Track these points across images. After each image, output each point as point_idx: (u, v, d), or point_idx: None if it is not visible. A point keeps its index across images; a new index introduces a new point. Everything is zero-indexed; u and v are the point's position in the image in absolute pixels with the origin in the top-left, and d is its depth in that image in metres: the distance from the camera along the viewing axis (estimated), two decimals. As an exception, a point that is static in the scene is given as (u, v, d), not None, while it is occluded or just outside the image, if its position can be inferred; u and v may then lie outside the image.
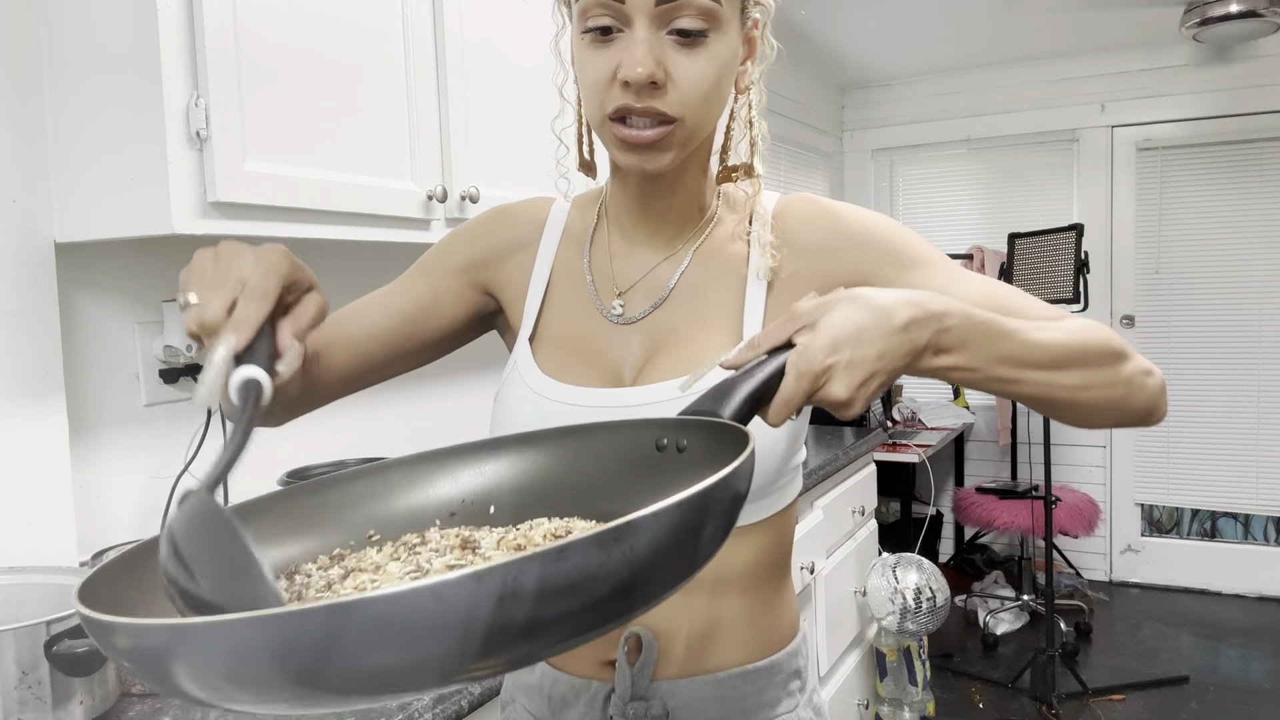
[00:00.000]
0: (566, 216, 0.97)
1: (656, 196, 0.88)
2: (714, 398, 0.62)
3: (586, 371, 0.87)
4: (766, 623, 0.88)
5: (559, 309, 0.92)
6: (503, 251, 0.96)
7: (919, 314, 0.65)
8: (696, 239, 0.89)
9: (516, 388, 0.89)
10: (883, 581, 2.61)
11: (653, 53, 0.75)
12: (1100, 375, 0.74)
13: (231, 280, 0.62)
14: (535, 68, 1.81)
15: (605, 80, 0.77)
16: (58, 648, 0.96)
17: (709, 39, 0.77)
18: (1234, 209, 4.07)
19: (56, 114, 1.24)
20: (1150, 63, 4.13)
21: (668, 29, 0.76)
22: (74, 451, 1.34)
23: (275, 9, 1.26)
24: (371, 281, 1.88)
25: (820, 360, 0.62)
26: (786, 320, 0.65)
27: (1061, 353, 0.72)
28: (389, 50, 1.46)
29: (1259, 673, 3.41)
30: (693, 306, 0.87)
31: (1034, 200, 4.40)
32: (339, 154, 1.36)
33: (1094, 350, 0.74)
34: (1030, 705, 3.19)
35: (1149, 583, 4.31)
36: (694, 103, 0.78)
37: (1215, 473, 4.18)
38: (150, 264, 1.48)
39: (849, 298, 0.65)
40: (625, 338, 0.88)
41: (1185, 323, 4.19)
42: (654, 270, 0.89)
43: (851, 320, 0.63)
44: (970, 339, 0.68)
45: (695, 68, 0.77)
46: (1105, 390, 0.75)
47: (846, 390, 0.62)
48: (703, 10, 0.76)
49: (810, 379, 0.62)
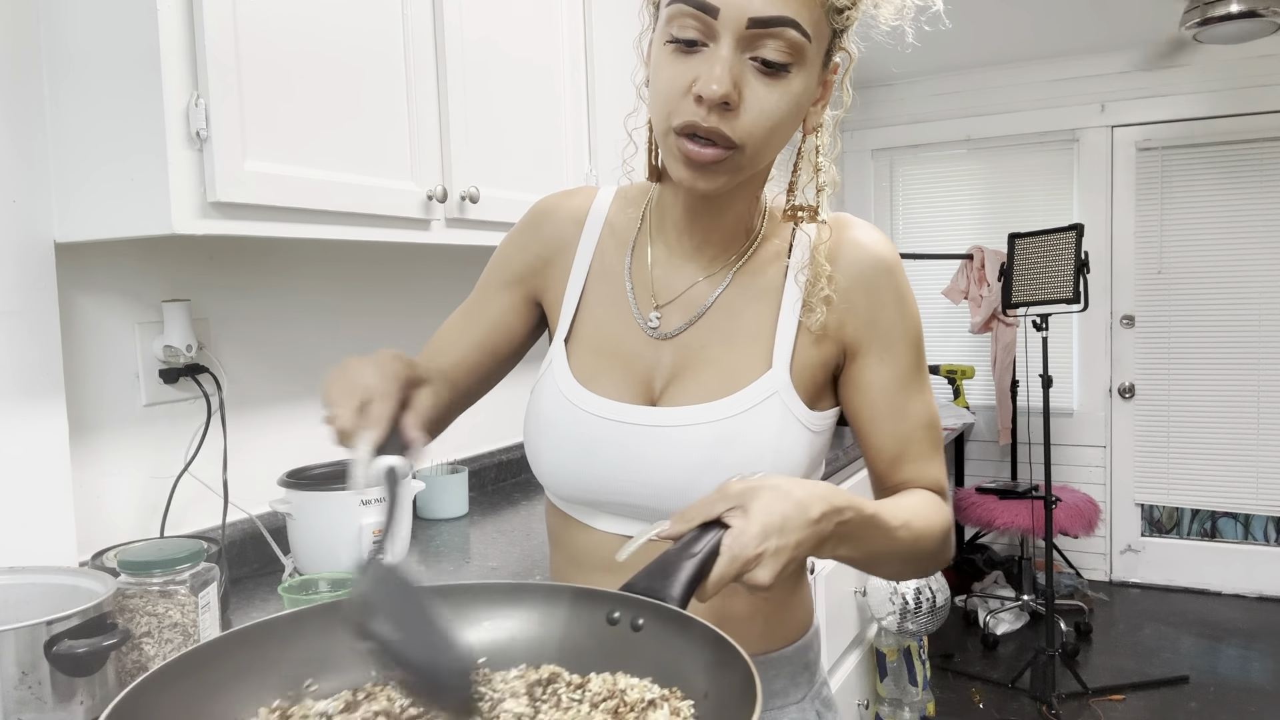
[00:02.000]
0: (608, 211, 0.97)
1: (705, 215, 0.90)
2: (660, 574, 0.67)
3: (618, 381, 0.90)
4: (779, 618, 0.93)
5: (596, 311, 0.94)
6: (545, 256, 0.98)
7: (827, 508, 0.72)
8: (739, 261, 0.91)
9: (549, 390, 0.92)
10: (882, 582, 2.61)
11: (732, 73, 0.76)
12: (932, 563, 0.87)
13: (358, 388, 0.76)
14: (536, 68, 1.81)
15: (680, 91, 0.78)
16: (58, 648, 0.96)
17: (789, 73, 0.78)
18: (1234, 209, 4.07)
19: (56, 114, 1.24)
20: (1150, 63, 4.13)
21: (752, 54, 0.76)
22: (74, 451, 1.34)
23: (275, 9, 1.26)
24: (371, 281, 1.89)
25: (754, 547, 0.67)
26: (718, 498, 0.70)
27: (911, 548, 0.83)
28: (389, 50, 1.46)
29: (1259, 673, 3.41)
30: (726, 327, 0.89)
31: (1034, 200, 4.40)
32: (339, 154, 1.36)
33: (936, 541, 0.86)
34: (1030, 705, 3.19)
35: (1149, 583, 4.31)
36: (758, 133, 0.78)
37: (1215, 473, 4.17)
38: (150, 264, 1.48)
39: (771, 487, 0.71)
40: (658, 350, 0.90)
41: (1185, 323, 4.19)
42: (694, 287, 0.91)
43: (776, 510, 0.69)
44: (857, 533, 0.76)
45: (770, 98, 0.78)
46: (928, 570, 0.88)
47: (770, 575, 0.68)
48: (791, 44, 0.76)
49: (743, 563, 0.67)
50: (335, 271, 1.83)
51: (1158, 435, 4.27)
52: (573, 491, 0.91)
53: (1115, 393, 4.33)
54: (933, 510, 0.87)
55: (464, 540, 1.77)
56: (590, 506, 0.92)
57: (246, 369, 1.64)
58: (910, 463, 0.90)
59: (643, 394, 0.89)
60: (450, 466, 1.96)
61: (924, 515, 0.85)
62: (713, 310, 0.90)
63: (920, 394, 0.91)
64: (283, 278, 1.71)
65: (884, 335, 0.89)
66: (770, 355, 0.87)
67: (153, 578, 1.08)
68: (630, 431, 0.87)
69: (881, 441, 0.90)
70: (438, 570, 1.58)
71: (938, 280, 4.38)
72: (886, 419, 0.90)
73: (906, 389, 0.90)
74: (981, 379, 4.44)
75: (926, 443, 0.90)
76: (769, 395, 0.86)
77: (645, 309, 0.92)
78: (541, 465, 0.93)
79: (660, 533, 0.71)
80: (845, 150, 4.78)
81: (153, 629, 1.08)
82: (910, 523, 0.83)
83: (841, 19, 0.80)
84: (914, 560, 0.85)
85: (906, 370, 0.90)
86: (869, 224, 0.92)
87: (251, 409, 1.65)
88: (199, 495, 1.51)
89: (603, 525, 0.92)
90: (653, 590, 0.67)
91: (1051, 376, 3.41)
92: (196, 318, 1.52)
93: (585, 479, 0.89)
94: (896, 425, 0.90)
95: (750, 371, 0.87)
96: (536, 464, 0.94)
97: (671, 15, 0.78)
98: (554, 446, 0.91)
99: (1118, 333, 4.31)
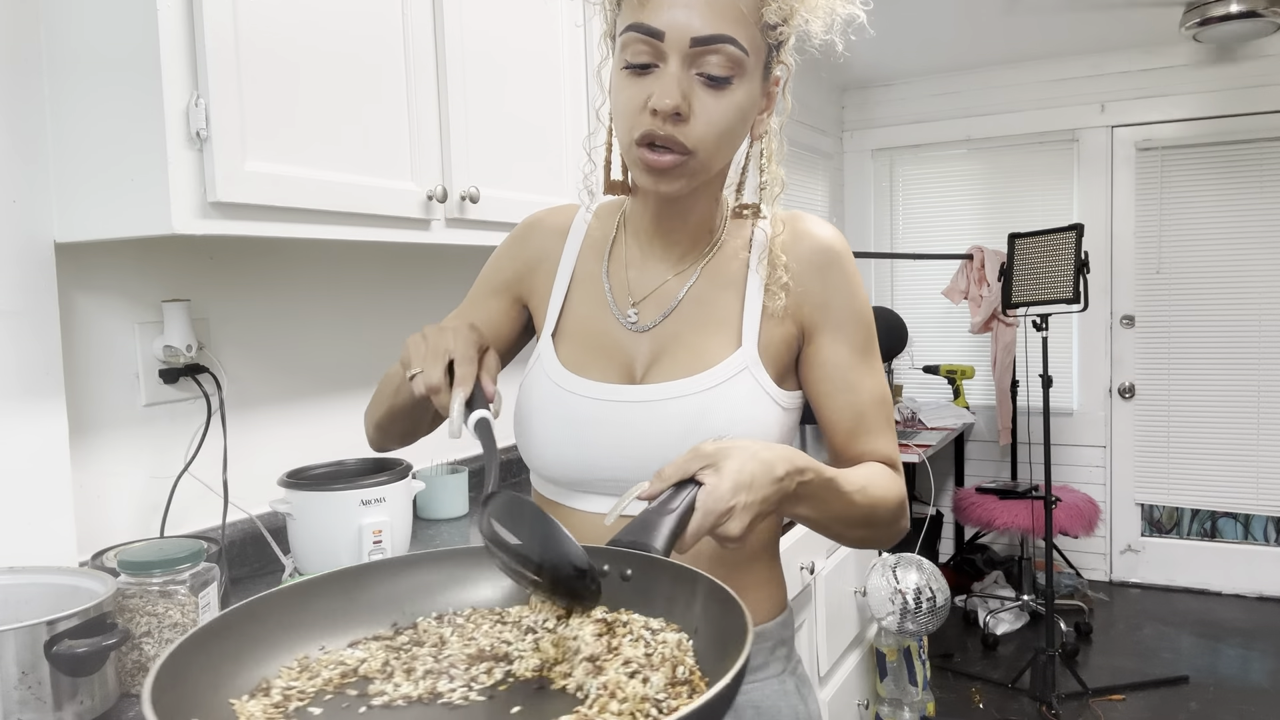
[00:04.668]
0: (588, 225, 1.07)
1: (671, 218, 0.99)
2: (642, 529, 0.74)
3: (603, 366, 0.98)
4: (756, 595, 0.99)
5: (578, 309, 1.03)
6: (532, 264, 1.08)
7: (790, 468, 0.80)
8: (704, 257, 1.00)
9: (539, 379, 1.00)
10: (883, 581, 2.61)
11: (680, 87, 0.85)
12: (888, 531, 0.95)
13: (442, 352, 0.86)
14: (536, 67, 1.81)
15: (637, 108, 0.87)
16: (58, 648, 0.96)
17: (732, 85, 0.87)
18: (1234, 209, 4.07)
19: (56, 114, 1.24)
20: (1150, 63, 4.13)
21: (697, 70, 0.86)
22: (74, 451, 1.34)
23: (275, 9, 1.26)
24: (371, 281, 1.89)
25: (726, 501, 0.74)
26: (692, 457, 0.77)
27: (868, 513, 0.91)
28: (389, 50, 1.46)
29: (1259, 673, 3.41)
30: (697, 315, 0.98)
31: (1034, 200, 4.40)
32: (339, 154, 1.36)
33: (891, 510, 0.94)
34: (1030, 705, 3.19)
35: (1149, 583, 4.31)
36: (709, 138, 0.88)
37: (1215, 473, 4.17)
38: (150, 264, 1.48)
39: (740, 448, 0.78)
40: (637, 341, 0.99)
41: (1185, 323, 4.19)
42: (665, 284, 1.00)
43: (746, 469, 0.76)
44: (818, 493, 0.84)
45: (716, 108, 0.87)
46: (885, 538, 0.96)
47: (740, 527, 0.75)
48: (731, 58, 0.86)
49: (716, 516, 0.74)
50: (335, 271, 1.83)
51: (1158, 435, 4.27)
52: (562, 472, 0.98)
53: (1115, 393, 4.33)
54: (887, 480, 0.95)
55: (464, 540, 1.77)
56: (578, 488, 0.99)
57: (246, 369, 1.64)
58: (864, 435, 0.98)
59: (626, 377, 0.98)
60: (450, 466, 1.96)
61: (879, 484, 0.93)
62: (684, 302, 0.99)
63: (871, 372, 0.99)
64: (283, 278, 1.71)
65: (835, 316, 0.98)
66: (739, 336, 0.96)
67: (153, 578, 1.08)
68: (615, 409, 0.95)
69: (836, 416, 0.98)
70: (438, 570, 1.57)
71: (938, 280, 4.38)
72: (841, 392, 0.98)
73: (858, 366, 0.98)
74: (981, 379, 4.44)
75: (879, 417, 0.99)
76: (740, 370, 0.95)
77: (623, 306, 1.01)
78: (532, 449, 1.00)
79: (641, 493, 0.77)
80: (845, 150, 4.78)
81: (153, 629, 1.08)
82: (866, 489, 0.90)
83: (775, 34, 0.90)
84: (870, 525, 0.92)
85: (857, 348, 0.98)
86: (820, 219, 1.02)
87: (251, 409, 1.64)
88: (199, 495, 1.51)
89: (590, 506, 0.98)
90: (637, 544, 0.73)
91: (1051, 376, 3.41)
92: (196, 318, 1.52)
93: (574, 458, 0.97)
94: (850, 398, 0.98)
95: (722, 350, 0.96)
96: (527, 449, 1.01)
97: (625, 43, 0.87)
98: (544, 428, 0.99)
99: (1118, 333, 4.31)
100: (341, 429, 1.82)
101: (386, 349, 1.93)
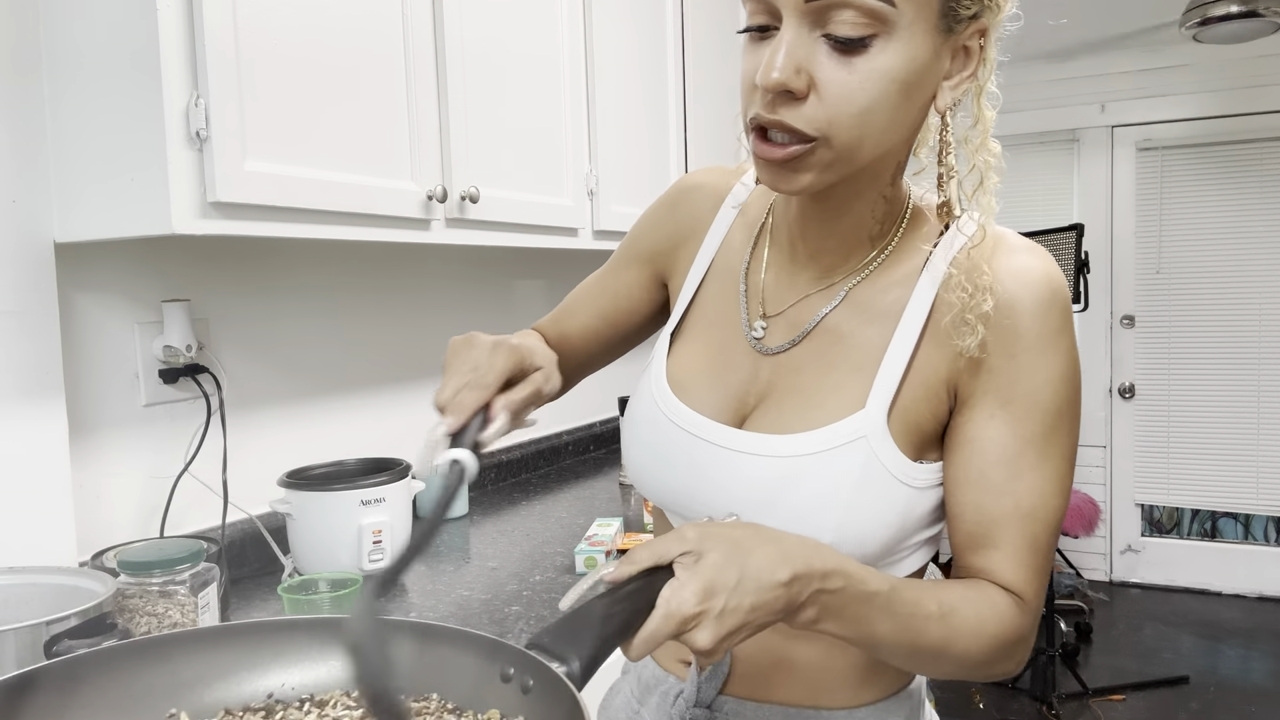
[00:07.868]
0: (751, 192, 0.90)
1: (817, 220, 0.79)
2: (571, 631, 0.59)
3: (711, 391, 0.82)
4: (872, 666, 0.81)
5: (707, 310, 0.87)
6: (676, 238, 0.92)
7: (803, 570, 0.62)
8: (856, 274, 0.79)
9: (645, 391, 0.86)
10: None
11: (793, 56, 0.65)
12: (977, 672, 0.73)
13: (466, 369, 0.73)
14: (537, 67, 1.81)
15: (749, 84, 0.69)
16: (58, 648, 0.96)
17: (872, 47, 0.65)
18: (1234, 209, 4.07)
19: (56, 114, 1.24)
20: (1150, 63, 4.13)
21: (823, 30, 0.66)
22: (74, 451, 1.34)
23: (275, 9, 1.25)
24: (371, 281, 1.89)
25: (691, 606, 0.59)
26: (674, 539, 0.62)
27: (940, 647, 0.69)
28: (389, 50, 1.45)
29: (1259, 673, 3.41)
30: (829, 352, 0.78)
31: (1034, 200, 4.40)
32: (339, 154, 1.36)
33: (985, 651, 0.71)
34: (1030, 705, 3.19)
35: (1149, 583, 4.31)
36: (842, 120, 0.67)
37: (1215, 473, 4.17)
38: (150, 264, 1.48)
39: (732, 538, 0.62)
40: (757, 365, 0.81)
41: (1185, 323, 4.19)
42: (804, 300, 0.81)
43: (733, 564, 0.60)
44: (848, 608, 0.65)
45: (850, 80, 0.66)
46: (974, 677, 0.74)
47: (710, 640, 0.59)
48: (867, 11, 0.64)
49: (678, 621, 0.59)
50: (335, 271, 1.82)
51: (1158, 435, 4.27)
52: (650, 493, 0.87)
53: (1115, 393, 4.33)
54: (989, 612, 0.70)
55: (464, 540, 1.77)
56: (667, 507, 0.87)
57: (246, 369, 1.64)
58: (988, 550, 0.73)
59: (734, 409, 0.81)
60: (450, 466, 1.95)
61: (974, 614, 0.70)
62: (818, 330, 0.78)
63: (1035, 473, 0.72)
64: (283, 278, 1.71)
65: (1015, 384, 0.72)
66: (866, 393, 0.74)
67: (152, 578, 1.08)
68: (704, 450, 0.79)
69: (959, 511, 0.74)
70: (438, 570, 1.58)
71: (938, 280, 4.38)
72: (975, 485, 0.73)
73: (1016, 461, 0.72)
74: (981, 379, 4.44)
75: (1019, 534, 0.72)
76: (854, 439, 0.73)
77: (754, 316, 0.83)
78: (628, 462, 0.88)
79: (607, 576, 0.62)
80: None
81: (152, 629, 1.08)
82: (948, 616, 0.69)
83: None
84: (943, 659, 0.70)
85: (1028, 436, 0.72)
86: (1032, 243, 0.76)
87: (251, 409, 1.64)
88: (199, 495, 1.51)
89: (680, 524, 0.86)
90: (556, 650, 0.58)
91: (1051, 376, 3.41)
92: (196, 318, 1.52)
93: (660, 486, 0.84)
94: (985, 499, 0.72)
95: (841, 406, 0.74)
96: (625, 459, 0.89)
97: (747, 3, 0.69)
98: (636, 447, 0.86)
99: (1118, 333, 4.31)
100: (341, 429, 1.82)
101: (387, 349, 1.93)
